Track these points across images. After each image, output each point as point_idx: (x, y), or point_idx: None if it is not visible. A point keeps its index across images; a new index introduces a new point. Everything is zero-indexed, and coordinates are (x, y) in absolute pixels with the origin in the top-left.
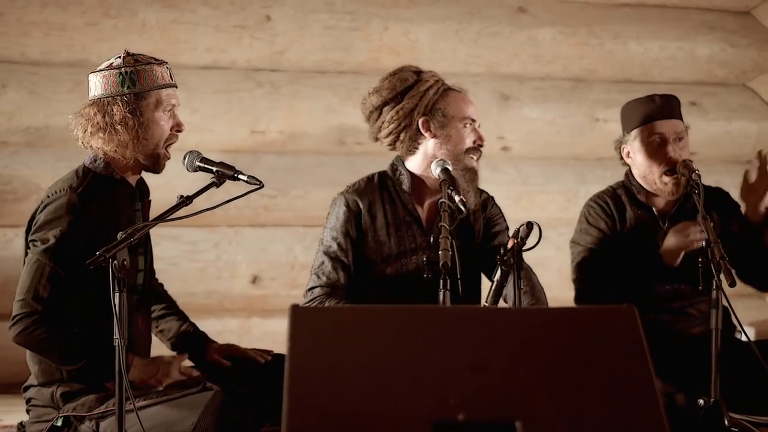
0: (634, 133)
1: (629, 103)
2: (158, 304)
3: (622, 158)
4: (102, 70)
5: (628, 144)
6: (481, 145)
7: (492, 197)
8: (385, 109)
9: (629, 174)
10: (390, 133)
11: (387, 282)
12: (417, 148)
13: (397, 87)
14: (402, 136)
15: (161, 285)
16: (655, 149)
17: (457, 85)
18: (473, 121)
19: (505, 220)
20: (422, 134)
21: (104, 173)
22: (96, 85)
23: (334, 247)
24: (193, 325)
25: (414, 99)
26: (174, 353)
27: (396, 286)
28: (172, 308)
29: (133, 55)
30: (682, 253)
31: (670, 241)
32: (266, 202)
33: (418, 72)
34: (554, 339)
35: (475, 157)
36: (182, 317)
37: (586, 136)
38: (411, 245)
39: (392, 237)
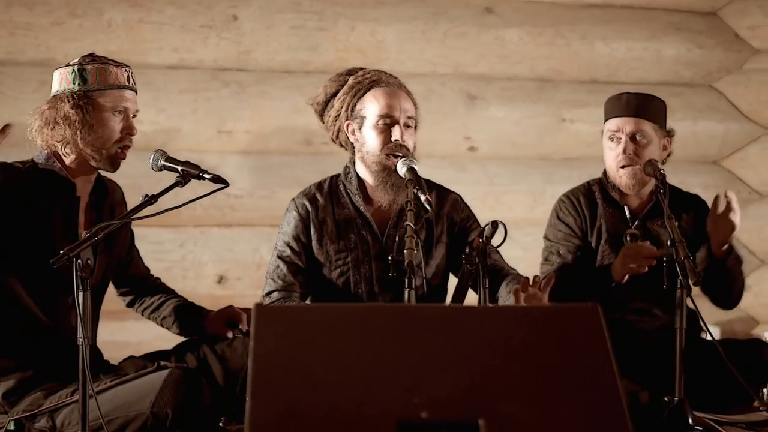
0: (603, 128)
1: (607, 99)
2: (151, 296)
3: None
4: (60, 68)
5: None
6: (402, 146)
7: (460, 198)
8: (325, 111)
9: (606, 170)
10: (333, 136)
11: (339, 285)
12: (354, 151)
13: (328, 91)
14: (342, 138)
15: (157, 278)
16: (611, 145)
17: (424, 84)
18: (390, 118)
19: (477, 221)
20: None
21: (45, 166)
22: (54, 82)
23: (288, 251)
24: (187, 301)
25: (339, 102)
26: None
27: (348, 288)
28: (167, 295)
29: (93, 54)
30: (628, 276)
31: (618, 261)
32: (232, 202)
33: (351, 73)
34: (518, 337)
35: (399, 161)
36: (176, 298)
37: (553, 137)
38: (363, 247)
39: (342, 240)
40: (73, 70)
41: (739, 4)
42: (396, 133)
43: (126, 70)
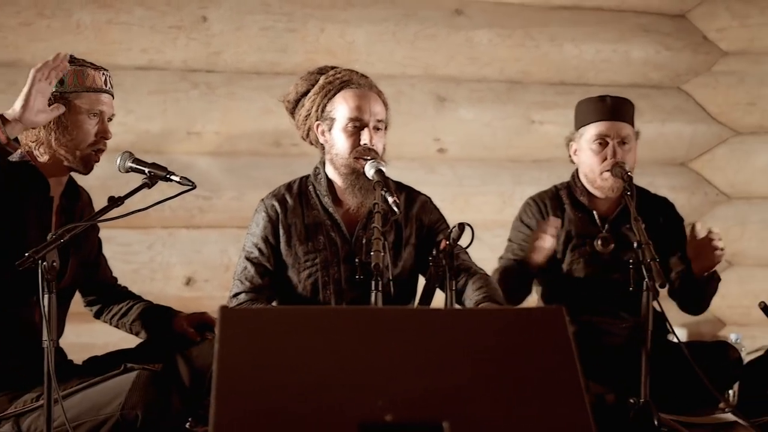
0: (582, 130)
1: (582, 102)
2: (119, 303)
3: (570, 156)
4: None
5: (576, 141)
6: (370, 149)
7: (429, 200)
8: (295, 109)
9: (575, 174)
10: (303, 135)
11: (308, 286)
12: (324, 152)
13: (299, 89)
14: (312, 137)
15: (124, 287)
16: (598, 149)
17: (393, 85)
18: (359, 122)
19: (446, 222)
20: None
21: (19, 161)
22: None
23: (256, 252)
24: (154, 304)
25: (309, 102)
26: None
27: (316, 290)
28: (134, 300)
29: (71, 56)
30: (534, 255)
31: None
32: (201, 203)
33: (322, 72)
34: (482, 339)
35: (367, 163)
36: (144, 302)
37: (522, 138)
38: (332, 249)
39: (311, 242)
40: None
41: (708, 6)
42: (365, 137)
43: (104, 74)
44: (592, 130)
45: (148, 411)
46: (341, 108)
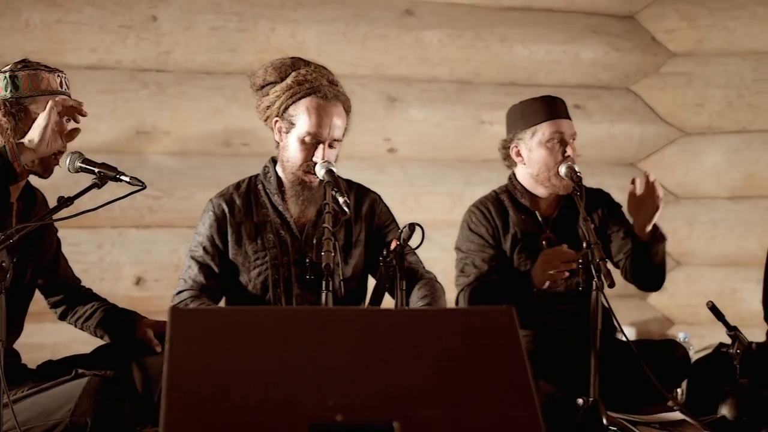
0: (533, 130)
1: (525, 102)
2: (84, 305)
3: (506, 159)
4: None
5: (523, 142)
6: (315, 165)
7: (379, 198)
8: (259, 92)
9: (513, 177)
10: (262, 119)
11: (258, 285)
12: (277, 147)
13: (268, 78)
14: (269, 125)
15: (89, 289)
16: (555, 146)
17: (344, 85)
18: (316, 138)
19: (395, 221)
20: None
21: None
22: None
23: (200, 252)
24: (119, 307)
25: (274, 96)
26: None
27: (266, 289)
28: (100, 303)
29: (25, 60)
30: (548, 282)
31: (538, 268)
32: (151, 203)
33: (295, 66)
34: (433, 340)
35: (313, 177)
36: (109, 305)
37: (472, 139)
38: (282, 247)
39: (261, 241)
40: (5, 77)
41: (656, 8)
42: (318, 155)
43: (59, 76)
44: (547, 129)
45: (97, 418)
46: (302, 117)
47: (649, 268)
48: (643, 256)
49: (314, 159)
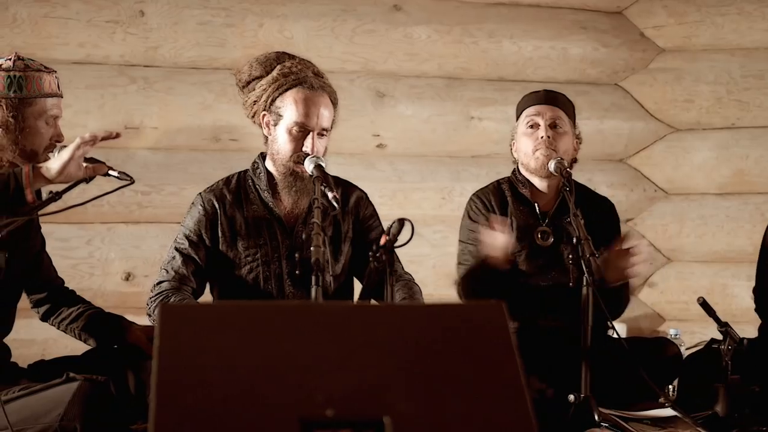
0: (518, 121)
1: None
2: (69, 308)
3: (513, 154)
4: None
5: (515, 135)
6: (308, 155)
7: (365, 195)
8: (245, 88)
9: (516, 169)
10: (249, 115)
11: (249, 282)
12: (266, 142)
13: (253, 72)
14: (257, 121)
15: (72, 290)
16: (529, 131)
17: (332, 81)
18: (305, 128)
19: (379, 220)
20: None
21: None
22: None
23: (186, 244)
24: (105, 312)
25: (261, 90)
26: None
27: (258, 285)
28: (86, 305)
29: (23, 59)
30: (485, 251)
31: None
32: (140, 198)
33: (280, 59)
34: (423, 335)
35: (304, 168)
36: (95, 308)
37: (461, 134)
38: (273, 244)
39: (251, 237)
40: (8, 76)
41: (645, 3)
42: (308, 145)
43: (56, 77)
44: (524, 115)
45: (86, 424)
46: (290, 108)
47: (610, 303)
48: (605, 293)
49: (304, 149)
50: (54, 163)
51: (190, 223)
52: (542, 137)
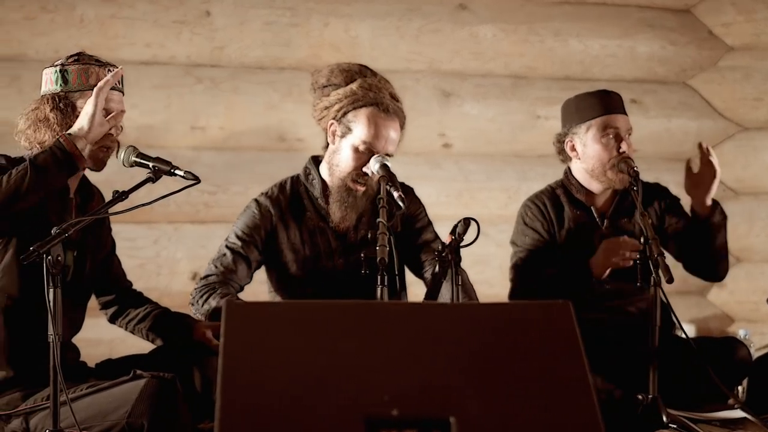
0: (587, 125)
1: (579, 96)
2: (136, 308)
3: (561, 153)
4: (47, 67)
5: (578, 136)
6: (366, 174)
7: (411, 190)
8: (320, 91)
9: (568, 172)
10: (317, 117)
11: (304, 286)
12: (327, 148)
13: (332, 79)
14: (323, 125)
15: (140, 292)
16: (610, 141)
17: (398, 80)
18: (372, 148)
19: (427, 215)
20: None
21: None
22: (42, 82)
23: (239, 244)
24: (171, 311)
25: (335, 98)
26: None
27: (313, 289)
28: (153, 306)
29: (78, 54)
30: (609, 269)
31: (600, 256)
32: (206, 198)
33: (362, 73)
34: (489, 335)
35: (359, 186)
36: (161, 308)
37: (527, 134)
38: (326, 250)
39: (306, 244)
40: (56, 71)
41: (713, 1)
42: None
43: (110, 70)
44: (601, 124)
45: (153, 420)
46: (361, 125)
47: (709, 251)
48: (704, 237)
49: (364, 169)
50: (82, 120)
51: (245, 225)
52: (623, 152)
